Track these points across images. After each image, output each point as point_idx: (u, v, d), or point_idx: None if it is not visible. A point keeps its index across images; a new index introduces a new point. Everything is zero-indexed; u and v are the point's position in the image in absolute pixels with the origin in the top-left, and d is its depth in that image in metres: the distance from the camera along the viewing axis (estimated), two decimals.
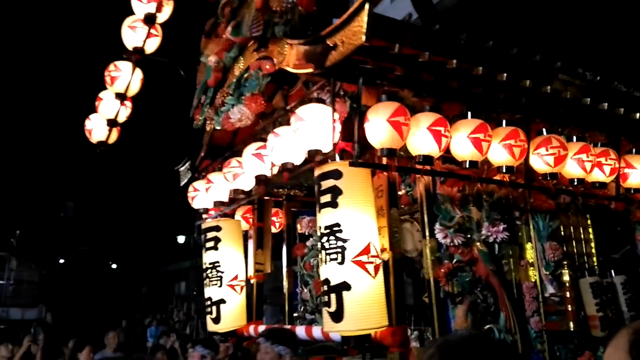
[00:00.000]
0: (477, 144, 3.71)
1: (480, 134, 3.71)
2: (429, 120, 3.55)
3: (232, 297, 5.18)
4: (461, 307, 3.90)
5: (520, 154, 3.92)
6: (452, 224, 4.02)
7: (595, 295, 4.15)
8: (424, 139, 3.55)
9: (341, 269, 3.43)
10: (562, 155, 4.11)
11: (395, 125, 3.37)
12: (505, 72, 3.82)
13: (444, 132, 3.56)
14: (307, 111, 3.77)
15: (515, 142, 3.90)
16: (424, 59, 3.50)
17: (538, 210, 4.51)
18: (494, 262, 4.10)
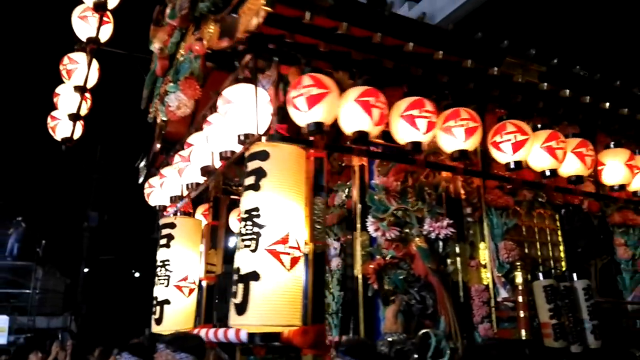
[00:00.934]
0: (411, 121, 3.31)
1: (414, 111, 3.31)
2: (357, 92, 3.15)
3: (177, 298, 4.81)
4: (391, 308, 3.46)
5: (467, 135, 3.46)
6: (386, 217, 3.59)
7: (549, 300, 3.64)
8: (354, 112, 3.14)
9: (253, 258, 3.03)
10: (519, 141, 3.63)
11: (312, 100, 2.98)
12: (441, 49, 3.42)
13: (375, 103, 3.15)
14: (234, 93, 3.42)
15: (467, 124, 3.45)
16: (342, 30, 3.13)
17: (493, 207, 4.04)
18: (435, 260, 3.65)
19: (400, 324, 3.42)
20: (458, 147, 3.45)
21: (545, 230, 4.45)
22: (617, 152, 4.27)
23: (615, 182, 4.34)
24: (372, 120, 3.10)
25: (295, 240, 3.13)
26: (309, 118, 2.99)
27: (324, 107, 3.00)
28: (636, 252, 4.70)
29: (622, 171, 4.29)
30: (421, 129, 3.23)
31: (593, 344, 3.67)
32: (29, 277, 25.40)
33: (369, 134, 3.14)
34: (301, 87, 3.00)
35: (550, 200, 4.41)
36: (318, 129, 3.01)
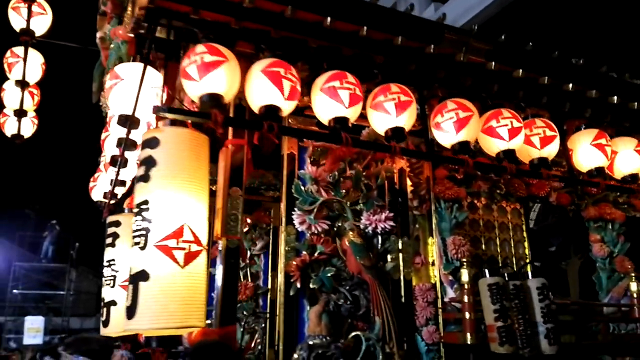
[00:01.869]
0: (332, 93, 2.91)
1: (335, 82, 2.91)
2: (265, 63, 2.79)
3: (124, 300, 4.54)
4: (314, 309, 3.09)
5: (399, 110, 3.03)
6: (312, 209, 3.22)
7: (494, 300, 3.20)
8: (261, 85, 2.77)
9: (142, 256, 2.70)
10: (462, 119, 3.15)
11: (205, 68, 2.63)
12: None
13: (285, 75, 2.78)
14: (126, 70, 3.09)
15: (399, 98, 3.03)
16: (247, 4, 2.79)
17: (442, 199, 3.62)
18: (370, 256, 3.26)
19: (324, 325, 3.05)
20: (391, 125, 3.03)
21: (507, 225, 4.00)
22: (587, 134, 3.77)
23: (591, 166, 3.81)
24: (283, 93, 2.72)
25: (192, 233, 2.78)
26: (202, 88, 2.62)
27: (220, 76, 2.63)
28: (614, 250, 4.20)
29: (598, 155, 3.76)
30: (344, 101, 2.82)
31: (547, 350, 3.21)
32: (63, 279, 25.85)
33: (280, 109, 2.75)
34: (194, 54, 2.65)
35: (512, 192, 3.95)
36: (213, 101, 2.63)
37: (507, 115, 3.30)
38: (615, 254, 4.19)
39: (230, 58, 2.72)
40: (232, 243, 3.03)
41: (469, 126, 3.20)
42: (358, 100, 2.94)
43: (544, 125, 3.45)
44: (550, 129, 3.45)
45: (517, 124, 3.30)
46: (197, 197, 2.89)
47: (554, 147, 3.44)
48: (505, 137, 3.26)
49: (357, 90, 2.92)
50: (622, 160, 3.89)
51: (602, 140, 3.73)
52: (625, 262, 4.14)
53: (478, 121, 3.26)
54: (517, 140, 3.29)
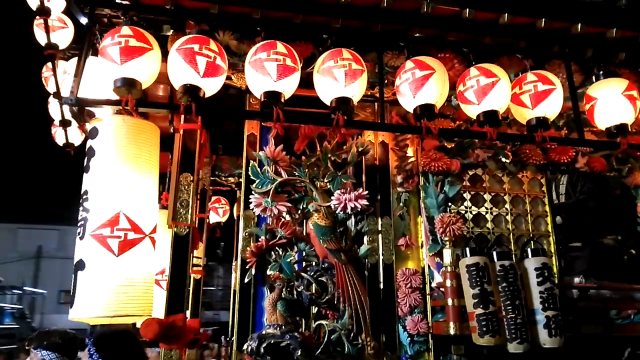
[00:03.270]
0: (259, 66, 2.59)
1: (262, 54, 2.55)
2: (180, 41, 2.53)
3: (158, 293, 4.58)
4: (269, 297, 2.79)
5: (349, 79, 2.66)
6: (268, 191, 2.93)
7: (474, 284, 2.64)
8: (175, 64, 2.50)
9: (81, 245, 2.65)
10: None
11: (128, 53, 2.47)
12: None
13: (200, 50, 2.49)
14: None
15: (349, 66, 2.61)
16: None
17: (429, 172, 3.13)
18: (334, 239, 2.89)
19: (279, 314, 2.75)
20: (338, 94, 2.65)
21: (523, 198, 3.35)
22: (610, 82, 3.00)
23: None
24: (197, 71, 2.47)
25: (129, 221, 2.66)
26: (121, 72, 2.46)
27: (141, 63, 2.46)
28: None
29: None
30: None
31: (547, 342, 2.59)
32: (212, 276, 28.12)
33: (198, 88, 2.51)
34: (118, 35, 2.50)
35: (524, 160, 3.31)
36: (127, 86, 2.46)
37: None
38: None
39: (155, 46, 2.54)
40: (181, 230, 2.86)
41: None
42: (290, 72, 2.58)
43: (536, 79, 2.80)
44: (545, 82, 2.79)
45: (485, 81, 2.71)
46: (138, 185, 2.77)
47: (550, 103, 2.78)
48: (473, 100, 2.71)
49: (288, 60, 2.57)
50: None
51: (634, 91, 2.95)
52: None
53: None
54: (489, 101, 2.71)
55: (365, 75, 2.68)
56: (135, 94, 2.50)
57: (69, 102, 2.49)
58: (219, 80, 2.57)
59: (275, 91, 2.58)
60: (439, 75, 2.71)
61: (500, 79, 2.73)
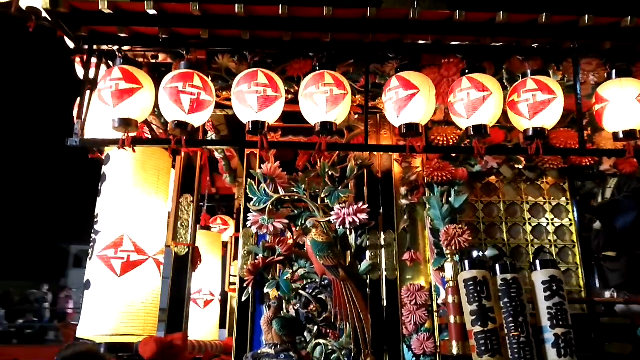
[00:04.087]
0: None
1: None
2: (168, 78, 2.61)
3: (195, 312, 4.70)
4: (264, 315, 2.76)
5: (330, 105, 2.61)
6: (264, 208, 2.93)
7: (471, 300, 2.44)
8: (164, 102, 2.58)
9: (89, 266, 2.80)
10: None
11: (119, 95, 2.59)
12: None
13: (184, 89, 2.55)
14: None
15: (331, 92, 2.59)
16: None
17: (434, 183, 2.98)
18: (332, 255, 2.81)
19: (275, 333, 2.71)
20: (320, 119, 2.61)
21: (543, 206, 3.10)
22: (624, 84, 2.72)
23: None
24: (183, 109, 2.54)
25: (133, 243, 2.77)
26: (115, 114, 2.58)
27: (133, 103, 2.58)
28: None
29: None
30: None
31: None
32: None
33: (186, 124, 2.58)
34: (109, 79, 2.64)
35: (540, 166, 3.06)
36: (124, 125, 2.56)
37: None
38: None
39: (145, 83, 2.65)
40: (181, 250, 2.92)
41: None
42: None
43: (536, 88, 2.60)
44: (545, 91, 2.59)
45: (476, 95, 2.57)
46: (144, 208, 2.89)
47: (549, 114, 2.57)
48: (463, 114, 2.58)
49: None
50: None
51: None
52: None
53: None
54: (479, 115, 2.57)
55: (348, 97, 2.64)
56: (131, 130, 2.62)
57: (73, 144, 2.65)
58: (205, 112, 2.63)
59: (258, 121, 2.60)
60: (424, 93, 2.61)
61: (491, 93, 2.58)
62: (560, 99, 2.60)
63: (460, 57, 2.95)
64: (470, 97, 2.60)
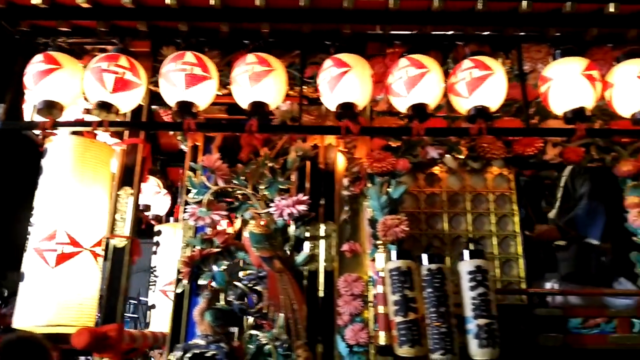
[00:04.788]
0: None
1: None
2: (95, 60, 2.62)
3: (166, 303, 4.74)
4: (197, 307, 2.78)
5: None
6: (200, 200, 2.94)
7: (394, 290, 2.43)
8: (88, 81, 2.62)
9: (25, 258, 2.82)
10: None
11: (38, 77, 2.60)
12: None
13: (108, 68, 2.58)
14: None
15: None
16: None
17: (374, 174, 2.96)
18: (269, 247, 2.82)
19: (207, 324, 2.73)
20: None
21: (486, 196, 3.07)
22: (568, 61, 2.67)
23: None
24: (105, 87, 2.54)
25: (68, 236, 2.79)
26: (38, 96, 2.60)
27: (52, 83, 2.59)
28: None
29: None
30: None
31: (477, 354, 2.33)
32: None
33: (110, 105, 2.58)
34: (32, 63, 2.65)
35: (482, 154, 3.03)
36: (48, 108, 2.59)
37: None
38: None
39: (66, 64, 2.66)
40: (119, 243, 2.94)
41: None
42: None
43: (472, 65, 2.57)
44: (482, 67, 2.56)
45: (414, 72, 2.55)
46: (80, 200, 2.91)
47: (487, 90, 2.54)
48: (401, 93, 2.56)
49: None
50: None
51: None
52: None
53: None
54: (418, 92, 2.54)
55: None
56: (55, 114, 2.64)
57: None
58: (132, 94, 2.64)
59: (185, 101, 2.60)
60: (357, 71, 2.59)
61: (429, 70, 2.57)
62: (499, 75, 2.56)
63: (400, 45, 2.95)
64: (408, 73, 2.57)
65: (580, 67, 2.59)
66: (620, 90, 2.61)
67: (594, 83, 2.54)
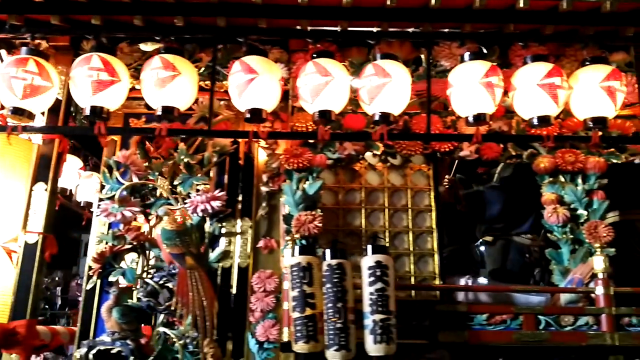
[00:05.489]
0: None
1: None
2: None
3: None
4: (105, 303, 2.77)
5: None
6: (112, 196, 2.92)
7: (293, 285, 2.42)
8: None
9: None
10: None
11: None
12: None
13: (16, 74, 2.56)
14: None
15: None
16: None
17: (292, 170, 2.96)
18: (179, 244, 2.79)
19: (114, 321, 2.71)
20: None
21: (405, 192, 3.08)
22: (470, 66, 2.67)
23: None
24: (15, 94, 2.52)
25: None
26: None
27: None
28: (583, 213, 2.90)
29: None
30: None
31: (372, 350, 2.33)
32: None
33: (25, 110, 2.59)
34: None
35: (401, 150, 3.03)
36: None
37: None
38: (585, 218, 2.89)
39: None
40: (31, 238, 2.92)
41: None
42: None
43: (373, 73, 2.58)
44: (380, 74, 2.55)
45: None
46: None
47: (386, 97, 2.55)
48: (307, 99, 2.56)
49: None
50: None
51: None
52: (601, 228, 2.82)
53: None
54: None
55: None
56: None
57: None
58: (43, 97, 2.63)
59: (95, 106, 2.59)
60: (265, 77, 2.60)
61: (333, 78, 2.57)
62: (397, 82, 2.56)
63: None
64: (313, 81, 2.58)
65: (481, 72, 2.58)
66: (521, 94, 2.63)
67: (493, 89, 2.54)
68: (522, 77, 2.63)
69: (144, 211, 2.96)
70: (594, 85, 2.61)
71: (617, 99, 2.63)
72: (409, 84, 2.64)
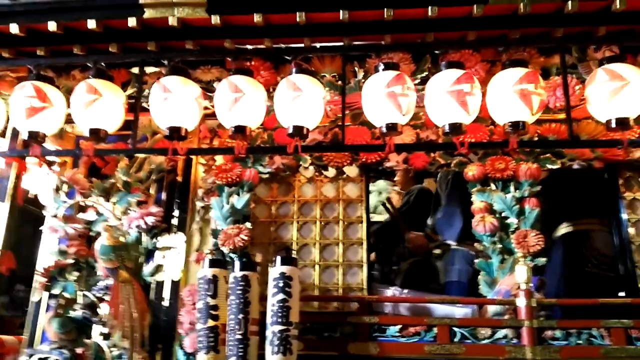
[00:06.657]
0: None
1: None
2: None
3: None
4: (47, 315, 2.98)
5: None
6: (56, 214, 3.15)
7: (200, 298, 2.52)
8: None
9: None
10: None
11: None
12: None
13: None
14: None
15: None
16: None
17: (224, 184, 3.08)
18: (113, 259, 2.97)
19: (53, 332, 2.92)
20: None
21: (337, 205, 3.12)
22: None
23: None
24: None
25: None
26: None
27: None
28: (513, 222, 2.85)
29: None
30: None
31: None
32: None
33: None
34: None
35: (329, 162, 3.09)
36: None
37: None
38: (515, 226, 2.83)
39: None
40: None
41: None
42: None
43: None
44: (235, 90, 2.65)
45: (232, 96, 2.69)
46: None
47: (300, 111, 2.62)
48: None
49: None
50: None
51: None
52: (531, 237, 2.76)
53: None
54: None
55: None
56: None
57: None
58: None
59: (30, 131, 2.80)
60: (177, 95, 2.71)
61: (244, 94, 2.63)
62: (307, 96, 2.59)
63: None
64: (225, 98, 2.69)
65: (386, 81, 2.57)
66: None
67: (397, 99, 2.53)
68: (433, 84, 2.62)
69: (87, 228, 3.17)
70: (508, 88, 2.56)
71: (533, 102, 2.56)
72: (321, 97, 2.68)
